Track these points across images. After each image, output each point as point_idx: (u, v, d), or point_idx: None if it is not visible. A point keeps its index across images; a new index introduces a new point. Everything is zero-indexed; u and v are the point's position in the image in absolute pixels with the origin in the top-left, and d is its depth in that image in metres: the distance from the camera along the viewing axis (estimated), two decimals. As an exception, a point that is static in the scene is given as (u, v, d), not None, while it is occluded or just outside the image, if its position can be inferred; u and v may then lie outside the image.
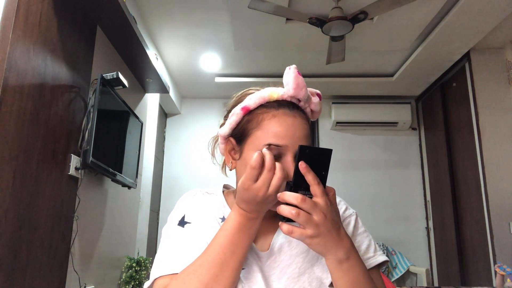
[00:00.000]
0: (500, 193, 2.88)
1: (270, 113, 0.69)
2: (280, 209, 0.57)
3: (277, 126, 0.67)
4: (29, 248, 1.43)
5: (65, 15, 1.70)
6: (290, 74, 0.68)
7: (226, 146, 0.76)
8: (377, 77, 3.71)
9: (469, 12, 2.46)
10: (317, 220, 0.57)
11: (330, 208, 0.59)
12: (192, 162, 3.97)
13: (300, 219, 0.56)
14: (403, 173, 4.03)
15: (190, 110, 4.20)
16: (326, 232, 0.57)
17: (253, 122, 0.70)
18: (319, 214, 0.57)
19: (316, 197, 0.58)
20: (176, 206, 0.79)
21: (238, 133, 0.72)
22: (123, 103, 2.23)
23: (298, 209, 0.56)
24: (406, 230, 3.88)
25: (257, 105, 0.70)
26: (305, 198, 0.56)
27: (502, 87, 3.05)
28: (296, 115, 0.69)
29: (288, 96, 0.70)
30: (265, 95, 0.70)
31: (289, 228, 0.57)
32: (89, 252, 1.99)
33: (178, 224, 0.74)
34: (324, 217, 0.57)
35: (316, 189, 0.58)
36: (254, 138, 0.69)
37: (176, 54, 3.30)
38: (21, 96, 1.37)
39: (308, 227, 0.57)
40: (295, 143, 0.66)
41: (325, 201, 0.58)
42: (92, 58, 2.00)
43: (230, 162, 0.75)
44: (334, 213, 0.60)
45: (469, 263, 3.18)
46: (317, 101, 0.74)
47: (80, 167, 1.80)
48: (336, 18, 2.30)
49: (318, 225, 0.57)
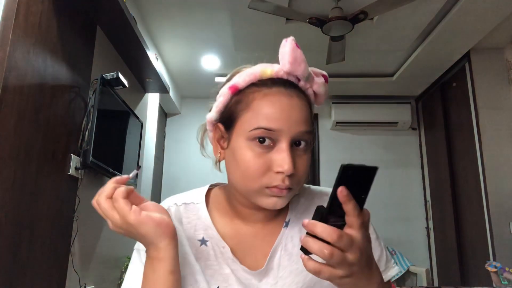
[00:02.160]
0: (500, 193, 2.88)
1: (261, 92, 0.58)
2: (308, 244, 0.45)
3: (270, 106, 0.57)
4: (29, 248, 1.43)
5: (65, 15, 1.70)
6: (286, 47, 0.57)
7: (215, 134, 0.65)
8: (377, 77, 3.71)
9: (469, 12, 2.46)
10: (352, 259, 0.46)
11: (368, 243, 0.48)
12: (192, 162, 3.96)
13: (334, 259, 0.44)
14: (403, 173, 4.03)
15: (190, 110, 4.20)
16: (359, 271, 0.47)
17: (242, 103, 0.59)
18: (355, 252, 0.46)
19: (353, 228, 0.46)
20: None
21: (226, 117, 0.62)
22: (123, 103, 2.23)
23: (331, 248, 0.44)
24: (406, 230, 3.88)
25: (247, 83, 0.60)
26: (341, 235, 0.44)
27: (502, 87, 3.05)
28: (293, 95, 0.58)
29: (284, 73, 0.59)
30: (257, 71, 0.60)
31: (316, 268, 0.46)
32: (89, 252, 1.99)
33: (135, 247, 0.64)
34: (360, 255, 0.46)
35: (355, 221, 0.46)
36: (242, 122, 0.58)
37: (176, 54, 3.30)
38: (21, 96, 1.37)
39: (339, 268, 0.46)
40: (291, 127, 0.56)
41: (363, 235, 0.47)
42: (92, 58, 2.00)
43: (218, 152, 0.64)
44: (369, 244, 0.49)
45: (469, 263, 3.18)
46: (321, 82, 0.62)
47: (80, 167, 1.80)
48: (336, 18, 2.30)
49: (352, 265, 0.46)
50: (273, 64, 0.61)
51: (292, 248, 0.64)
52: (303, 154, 0.59)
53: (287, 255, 0.63)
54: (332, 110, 4.01)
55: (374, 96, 4.05)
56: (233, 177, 0.61)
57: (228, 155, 0.62)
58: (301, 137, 0.58)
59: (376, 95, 4.04)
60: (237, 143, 0.59)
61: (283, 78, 0.60)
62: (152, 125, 3.24)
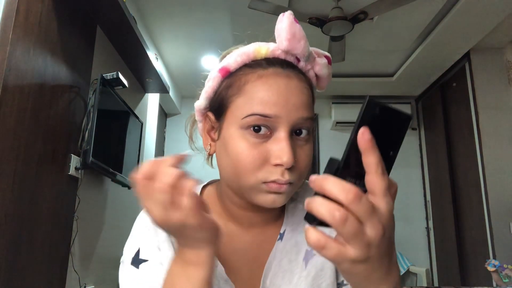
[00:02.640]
0: (500, 193, 2.88)
1: (255, 74, 0.51)
2: (314, 204, 0.33)
3: (265, 89, 0.49)
4: (29, 248, 1.43)
5: (65, 15, 1.70)
6: (283, 22, 0.49)
7: (204, 125, 0.58)
8: (377, 77, 3.71)
9: (469, 12, 2.46)
10: (371, 236, 0.33)
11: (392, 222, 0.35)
12: (192, 162, 3.96)
13: (347, 228, 0.32)
14: (403, 173, 4.03)
15: (190, 110, 4.09)
16: (377, 257, 0.34)
17: (234, 87, 0.52)
18: (376, 226, 0.32)
19: (375, 195, 0.33)
20: (130, 235, 0.58)
21: (216, 104, 0.54)
22: (123, 103, 2.23)
23: (345, 211, 0.32)
24: (406, 230, 3.88)
25: (240, 64, 0.53)
26: (361, 195, 0.32)
27: (502, 87, 3.05)
28: (292, 76, 0.51)
29: (281, 52, 0.52)
30: (250, 51, 0.53)
31: (321, 240, 0.33)
32: (89, 252, 1.99)
33: (132, 263, 0.54)
34: (383, 233, 0.33)
35: (378, 182, 0.33)
36: (234, 108, 0.51)
37: (176, 54, 3.30)
38: (21, 96, 1.37)
39: (353, 245, 0.33)
40: (289, 113, 0.48)
41: (388, 205, 0.33)
42: (92, 58, 2.00)
43: (208, 144, 0.57)
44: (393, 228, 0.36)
45: (469, 263, 3.18)
46: (323, 63, 0.55)
47: (80, 167, 1.80)
48: (336, 18, 2.30)
49: (370, 244, 0.33)
50: (268, 42, 0.53)
51: (287, 265, 0.57)
52: (304, 144, 0.51)
53: (281, 272, 0.56)
54: (332, 110, 4.01)
55: (374, 96, 4.04)
56: (225, 172, 0.54)
57: (219, 147, 0.54)
58: (302, 125, 0.50)
59: (376, 95, 4.04)
60: (229, 132, 0.51)
61: (280, 58, 0.52)
62: (152, 125, 3.24)
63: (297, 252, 0.58)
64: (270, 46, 0.52)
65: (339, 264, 0.35)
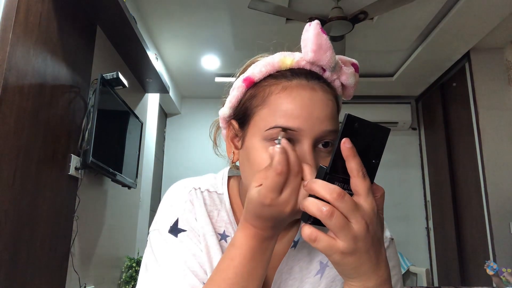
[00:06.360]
0: (500, 193, 2.88)
1: (280, 85, 0.51)
2: (306, 203, 0.40)
3: (288, 101, 0.49)
4: (29, 248, 1.43)
5: (65, 15, 1.70)
6: (309, 32, 0.49)
7: (228, 132, 0.59)
8: (377, 77, 3.71)
9: (469, 12, 2.46)
10: (356, 230, 0.39)
11: (376, 216, 0.40)
12: (192, 162, 3.96)
13: (334, 222, 0.38)
14: (403, 173, 4.03)
15: (190, 110, 4.20)
16: (364, 250, 0.39)
17: (258, 97, 0.52)
18: (360, 222, 0.39)
19: (359, 196, 0.40)
20: (164, 205, 0.59)
21: (240, 114, 0.55)
22: (123, 103, 2.23)
23: (331, 207, 0.38)
24: (406, 230, 3.88)
25: (264, 74, 0.53)
26: (344, 194, 0.38)
27: (502, 87, 3.05)
28: (317, 88, 0.51)
29: (306, 62, 0.52)
30: (275, 61, 0.52)
31: (313, 233, 0.39)
32: (89, 252, 1.99)
33: (169, 232, 0.56)
34: (366, 228, 0.39)
35: (360, 184, 0.39)
36: (258, 119, 0.51)
37: (176, 54, 3.30)
38: (21, 96, 1.37)
39: (341, 238, 0.39)
40: (313, 126, 0.48)
41: (371, 204, 0.40)
42: (92, 58, 2.00)
43: (231, 152, 0.58)
44: (379, 225, 0.41)
45: (469, 263, 3.18)
46: (350, 72, 0.54)
47: (80, 167, 1.80)
48: (336, 18, 2.30)
49: (356, 237, 0.39)
50: (294, 52, 0.53)
51: (298, 272, 0.58)
52: (327, 156, 0.51)
53: (291, 280, 0.57)
54: (332, 110, 4.01)
55: (374, 96, 4.05)
56: (247, 181, 0.54)
57: (242, 156, 0.55)
58: (326, 137, 0.50)
59: (376, 95, 4.04)
60: (252, 143, 0.52)
61: (305, 69, 0.52)
62: (152, 125, 3.24)
63: (309, 261, 0.59)
64: (295, 56, 0.53)
65: (330, 255, 0.40)
